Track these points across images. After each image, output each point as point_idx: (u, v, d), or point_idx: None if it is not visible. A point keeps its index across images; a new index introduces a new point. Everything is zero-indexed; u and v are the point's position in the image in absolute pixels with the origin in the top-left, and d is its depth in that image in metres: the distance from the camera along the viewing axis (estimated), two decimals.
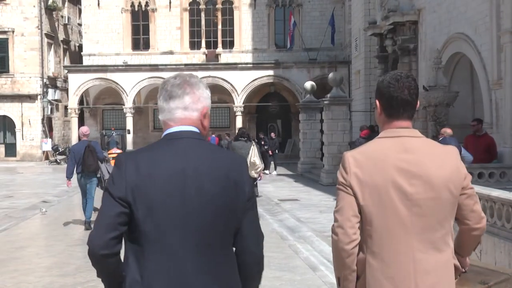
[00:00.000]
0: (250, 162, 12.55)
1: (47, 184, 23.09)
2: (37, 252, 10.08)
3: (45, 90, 38.89)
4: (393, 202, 2.61)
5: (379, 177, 2.63)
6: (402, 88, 2.72)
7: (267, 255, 9.40)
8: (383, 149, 2.68)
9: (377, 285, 2.64)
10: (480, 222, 2.77)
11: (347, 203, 2.65)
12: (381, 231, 2.63)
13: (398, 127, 2.73)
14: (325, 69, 35.81)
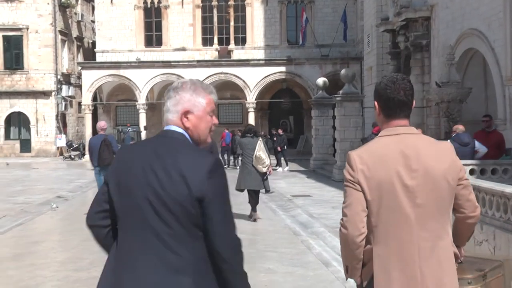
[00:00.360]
0: (255, 157, 12.55)
1: (62, 179, 23.23)
2: (52, 247, 10.15)
3: (59, 87, 39.11)
4: (397, 195, 2.82)
5: (383, 172, 2.83)
6: (398, 89, 2.94)
7: (280, 250, 9.50)
8: (385, 147, 2.90)
9: (385, 273, 2.82)
10: (475, 211, 3.00)
11: (356, 199, 2.85)
12: (386, 222, 2.83)
13: (397, 125, 2.96)
14: (337, 65, 35.69)
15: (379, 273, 2.84)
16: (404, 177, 2.84)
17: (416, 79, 21.23)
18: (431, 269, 2.84)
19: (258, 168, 12.50)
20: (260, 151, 12.62)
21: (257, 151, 12.59)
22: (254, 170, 12.50)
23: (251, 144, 12.73)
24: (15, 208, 14.73)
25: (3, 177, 24.29)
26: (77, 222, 12.90)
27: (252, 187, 12.57)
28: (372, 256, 2.87)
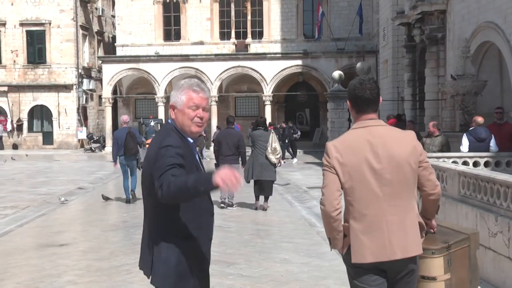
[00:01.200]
0: (271, 148, 12.72)
1: (83, 171, 23.41)
2: (74, 237, 10.25)
3: (80, 80, 39.36)
4: (366, 177, 3.34)
5: (354, 158, 3.36)
6: (364, 89, 3.47)
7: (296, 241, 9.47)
8: (356, 137, 3.42)
9: (359, 243, 3.35)
10: (435, 189, 3.52)
11: (331, 181, 3.40)
12: (359, 200, 3.36)
13: (366, 119, 3.47)
14: (353, 58, 35.49)
15: (355, 242, 3.36)
16: (372, 162, 3.34)
17: (431, 72, 21.07)
18: (398, 239, 3.33)
19: (270, 159, 12.70)
20: (275, 143, 12.88)
21: (272, 143, 12.77)
22: (266, 162, 12.69)
23: (263, 136, 12.91)
24: (38, 199, 14.89)
25: (26, 169, 24.54)
26: (98, 213, 13.02)
27: (267, 178, 12.75)
28: (349, 229, 3.38)
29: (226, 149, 12.73)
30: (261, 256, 8.35)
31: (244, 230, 10.45)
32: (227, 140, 12.80)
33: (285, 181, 18.47)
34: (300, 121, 40.98)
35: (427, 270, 3.58)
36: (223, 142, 12.81)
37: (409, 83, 24.38)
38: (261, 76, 36.41)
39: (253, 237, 9.76)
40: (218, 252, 8.43)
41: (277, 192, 15.57)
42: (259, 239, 9.62)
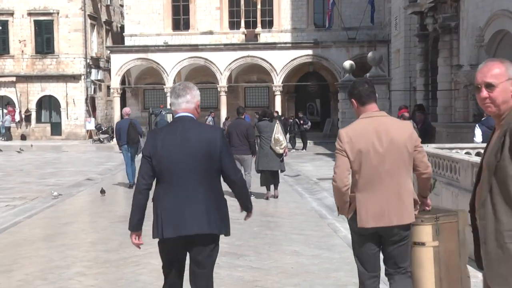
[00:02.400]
0: (274, 139, 12.90)
1: (91, 162, 23.50)
2: (82, 228, 10.30)
3: (88, 71, 39.46)
4: (372, 159, 4.20)
5: (363, 143, 4.20)
6: (363, 83, 4.38)
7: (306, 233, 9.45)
8: (364, 125, 4.28)
9: (365, 209, 4.23)
10: (427, 169, 4.36)
11: (343, 162, 4.23)
12: (365, 177, 4.22)
13: (370, 110, 4.33)
14: (364, 48, 35.35)
15: (360, 211, 4.24)
16: (377, 146, 4.20)
17: (444, 61, 20.95)
18: (395, 209, 4.21)
19: (275, 150, 12.93)
20: (278, 133, 13.03)
21: (275, 134, 12.95)
22: (272, 152, 12.91)
23: (269, 127, 13.09)
24: (47, 190, 14.97)
25: (35, 160, 24.68)
26: (106, 204, 13.07)
27: (272, 168, 13.00)
28: (355, 199, 4.26)
29: (236, 139, 12.89)
30: (271, 248, 8.36)
31: (253, 221, 10.45)
32: (236, 130, 12.94)
33: (295, 172, 18.46)
34: (311, 111, 40.88)
35: (417, 236, 4.35)
36: (233, 133, 12.94)
37: (421, 73, 24.26)
38: (271, 66, 36.35)
39: (262, 229, 9.77)
40: (227, 244, 8.44)
41: (287, 184, 15.57)
42: (269, 231, 9.62)
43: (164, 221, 4.28)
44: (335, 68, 35.89)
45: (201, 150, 4.27)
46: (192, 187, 4.26)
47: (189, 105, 4.44)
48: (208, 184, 4.31)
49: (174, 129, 4.37)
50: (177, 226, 4.23)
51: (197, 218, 4.23)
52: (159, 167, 4.28)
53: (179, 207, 4.24)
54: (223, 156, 4.32)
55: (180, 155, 4.26)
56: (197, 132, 4.33)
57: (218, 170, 4.35)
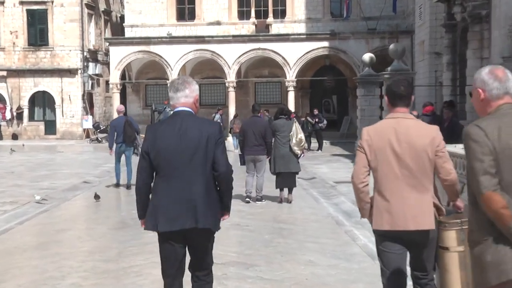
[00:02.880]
0: (297, 139, 12.97)
1: (88, 163, 23.59)
2: (79, 236, 10.32)
3: (85, 64, 39.60)
4: (389, 159, 4.49)
5: (381, 142, 4.52)
6: (399, 86, 4.70)
7: (322, 241, 9.40)
8: (385, 125, 4.65)
9: (379, 213, 4.51)
10: (449, 175, 4.50)
11: (361, 159, 4.58)
12: (382, 177, 4.52)
13: (397, 112, 4.67)
14: (386, 39, 35.24)
15: (375, 212, 4.53)
16: (395, 146, 4.48)
17: (474, 54, 20.82)
18: (412, 213, 4.42)
19: (294, 150, 12.98)
20: (301, 133, 13.21)
21: (298, 134, 13.05)
22: (289, 153, 12.96)
23: (286, 126, 13.12)
24: (40, 194, 15.01)
25: (27, 161, 24.79)
26: (104, 209, 13.10)
27: (291, 170, 13.04)
28: (372, 200, 4.56)
29: (252, 138, 12.96)
30: (283, 257, 8.34)
31: (264, 228, 10.45)
32: (253, 129, 12.98)
33: (310, 175, 18.43)
34: (327, 109, 40.83)
35: (441, 240, 4.55)
36: (248, 132, 12.97)
37: (448, 67, 24.14)
38: (284, 60, 36.32)
39: (274, 237, 9.76)
40: (236, 253, 8.43)
41: (301, 187, 15.54)
42: (281, 239, 9.61)
43: (159, 215, 4.68)
44: (353, 61, 35.81)
45: (199, 144, 4.72)
46: (189, 181, 4.69)
47: (187, 99, 4.88)
48: (205, 178, 4.73)
49: (173, 124, 4.81)
50: (171, 220, 4.64)
51: (192, 213, 4.65)
52: (157, 160, 4.73)
53: (174, 201, 4.66)
54: (217, 147, 4.75)
55: (178, 149, 4.71)
56: (195, 127, 4.77)
57: (212, 163, 4.77)
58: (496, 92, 3.54)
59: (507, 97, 3.55)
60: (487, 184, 3.30)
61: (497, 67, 3.64)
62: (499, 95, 3.54)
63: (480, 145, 3.34)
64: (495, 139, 3.34)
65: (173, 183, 4.70)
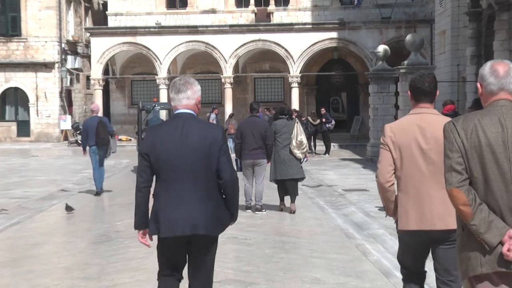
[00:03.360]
0: (297, 142, 12.96)
1: (66, 169, 23.56)
2: (55, 250, 10.31)
3: (63, 57, 39.59)
4: (414, 155, 4.87)
5: (405, 138, 4.89)
6: (423, 81, 5.04)
7: (330, 256, 9.40)
8: (409, 121, 5.00)
9: (405, 212, 4.92)
10: None
11: (385, 157, 4.94)
12: (407, 175, 4.89)
13: (421, 107, 5.04)
14: (402, 29, 35.29)
15: (401, 212, 4.94)
16: (421, 142, 4.82)
17: (501, 45, 20.85)
18: (438, 212, 4.77)
19: (295, 154, 12.99)
20: (302, 135, 13.15)
21: (298, 135, 13.03)
22: (291, 156, 12.99)
23: (287, 126, 13.12)
24: (11, 203, 15.00)
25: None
26: (85, 220, 13.08)
27: (293, 176, 13.05)
28: (397, 200, 4.95)
29: (251, 141, 12.96)
30: (286, 274, 8.34)
31: (265, 242, 10.44)
32: (252, 130, 12.98)
33: (316, 182, 18.43)
34: (335, 107, 40.89)
35: None
36: (247, 133, 12.96)
37: (472, 60, 24.18)
38: (287, 52, 36.36)
39: (276, 251, 9.76)
40: (233, 270, 8.43)
41: (306, 196, 15.54)
42: (284, 254, 9.61)
43: (161, 220, 5.07)
44: (365, 54, 35.85)
45: (201, 148, 5.08)
46: (191, 186, 5.07)
47: (189, 101, 5.21)
48: (207, 183, 5.10)
49: (174, 126, 5.15)
50: (174, 225, 5.02)
51: (194, 219, 5.03)
52: (157, 164, 5.08)
53: (175, 207, 5.06)
54: (221, 154, 5.12)
55: (180, 153, 5.05)
56: (198, 130, 5.13)
57: (216, 170, 5.14)
58: (491, 87, 3.89)
59: (502, 93, 3.87)
60: (452, 181, 3.77)
61: (501, 62, 3.96)
62: (494, 90, 3.88)
63: (449, 141, 3.82)
64: (465, 136, 3.77)
65: (174, 189, 5.07)
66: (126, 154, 28.22)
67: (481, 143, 3.74)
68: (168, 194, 5.08)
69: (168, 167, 5.06)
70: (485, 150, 3.74)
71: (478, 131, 3.76)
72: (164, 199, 5.09)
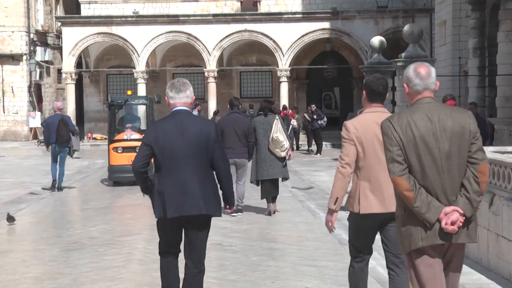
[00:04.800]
0: (272, 139, 13.03)
1: (36, 170, 23.46)
2: (23, 259, 10.26)
3: (32, 49, 39.40)
4: (375, 148, 6.00)
5: (367, 134, 6.04)
6: (378, 85, 6.25)
7: (322, 264, 9.43)
8: (368, 119, 6.15)
9: (366, 198, 6.06)
10: None
11: (351, 150, 6.06)
12: (369, 165, 6.06)
13: (375, 106, 6.24)
14: (399, 19, 35.40)
15: (363, 198, 6.07)
16: (379, 136, 5.23)
17: (507, 36, 20.95)
18: (392, 197, 5.28)
19: (275, 153, 13.07)
20: (277, 132, 13.09)
21: (273, 133, 13.04)
22: (271, 156, 13.09)
23: (265, 123, 13.18)
24: None
25: None
26: (56, 226, 13.03)
27: (273, 176, 13.19)
28: (357, 187, 6.14)
29: (233, 140, 13.09)
30: (274, 284, 8.35)
31: (252, 249, 10.44)
32: (234, 127, 13.08)
33: (307, 184, 18.45)
34: (327, 103, 40.95)
35: None
36: (229, 131, 13.04)
37: (475, 52, 24.27)
38: (275, 44, 36.36)
39: (263, 259, 9.76)
40: (217, 279, 8.43)
41: (296, 199, 15.56)
42: (272, 261, 9.61)
43: (167, 203, 6.34)
44: (359, 46, 35.90)
45: (199, 141, 6.40)
46: (191, 173, 6.38)
47: (187, 99, 6.53)
48: (203, 171, 6.46)
49: (174, 121, 6.43)
50: (178, 207, 6.32)
51: (196, 201, 6.37)
52: (162, 155, 6.37)
53: (180, 191, 6.35)
54: (216, 147, 6.50)
55: (181, 145, 6.36)
56: (194, 125, 6.47)
57: (211, 160, 6.48)
58: (417, 88, 5.00)
59: (426, 92, 4.99)
60: (395, 170, 4.80)
61: (422, 65, 5.11)
62: (419, 90, 4.99)
63: (389, 137, 4.85)
64: (401, 131, 4.81)
65: (176, 176, 6.38)
66: (101, 154, 28.15)
67: (415, 136, 4.79)
68: (171, 180, 6.35)
69: (171, 158, 6.35)
70: (419, 142, 4.78)
71: (412, 126, 4.81)
72: (167, 185, 6.36)
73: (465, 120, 4.90)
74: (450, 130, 4.82)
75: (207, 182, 6.47)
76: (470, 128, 4.87)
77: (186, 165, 6.38)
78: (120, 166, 18.36)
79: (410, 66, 5.13)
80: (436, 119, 4.84)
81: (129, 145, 18.55)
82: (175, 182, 6.37)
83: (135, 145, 16.87)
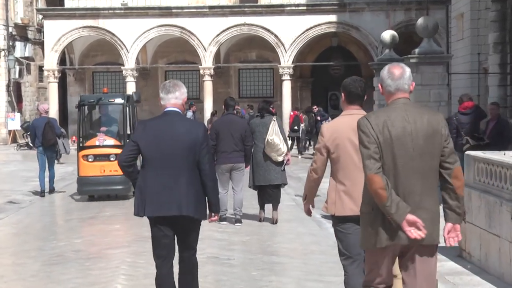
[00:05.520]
0: (267, 142, 13.12)
1: (16, 177, 23.47)
2: (2, 274, 10.27)
3: (11, 44, 39.39)
4: (349, 151, 6.51)
5: (341, 136, 6.53)
6: (357, 87, 6.75)
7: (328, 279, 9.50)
8: (344, 121, 6.65)
9: (341, 200, 6.56)
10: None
11: (319, 160, 6.65)
12: (344, 168, 6.56)
13: (353, 109, 6.71)
14: (412, 12, 35.44)
15: (338, 200, 6.58)
16: (353, 139, 6.11)
17: None
18: None
19: (272, 157, 13.16)
20: (273, 135, 13.15)
21: (269, 135, 13.13)
22: (267, 160, 13.22)
23: (261, 125, 13.31)
24: None
25: None
26: (38, 238, 13.03)
27: (270, 182, 13.28)
28: (333, 190, 6.68)
29: (229, 143, 13.11)
30: None
31: (251, 262, 10.45)
32: (230, 130, 13.14)
33: None
34: (334, 104, 40.92)
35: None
36: (225, 134, 13.10)
37: (496, 48, 24.27)
38: (277, 39, 36.39)
39: (264, 273, 9.77)
40: None
41: (298, 208, 15.56)
42: (274, 276, 9.62)
43: (147, 201, 6.81)
44: (369, 41, 35.94)
45: (186, 142, 6.86)
46: (175, 173, 6.82)
47: (177, 100, 7.06)
48: (189, 172, 6.86)
49: (163, 121, 7.00)
50: (157, 206, 6.76)
51: (177, 201, 6.77)
52: (148, 154, 6.88)
53: (162, 190, 6.78)
54: (202, 149, 6.92)
55: (168, 145, 6.84)
56: (183, 126, 6.98)
57: (198, 162, 6.90)
58: (389, 89, 5.55)
59: (399, 93, 5.51)
60: (372, 167, 5.23)
61: (397, 65, 5.66)
62: (391, 91, 5.53)
63: (366, 135, 5.30)
64: (378, 130, 5.28)
65: (161, 174, 6.82)
66: None
67: (391, 136, 5.26)
68: (155, 179, 6.82)
69: (158, 156, 6.84)
70: (395, 142, 5.25)
71: (388, 126, 5.27)
72: (151, 182, 6.83)
73: (438, 122, 5.38)
74: (425, 131, 5.29)
75: (192, 184, 6.85)
76: (441, 132, 5.36)
77: (171, 165, 6.82)
78: (91, 178, 17.04)
79: (385, 67, 5.69)
80: (412, 120, 5.32)
81: (101, 153, 17.16)
82: (158, 181, 6.81)
83: (109, 153, 16.87)
